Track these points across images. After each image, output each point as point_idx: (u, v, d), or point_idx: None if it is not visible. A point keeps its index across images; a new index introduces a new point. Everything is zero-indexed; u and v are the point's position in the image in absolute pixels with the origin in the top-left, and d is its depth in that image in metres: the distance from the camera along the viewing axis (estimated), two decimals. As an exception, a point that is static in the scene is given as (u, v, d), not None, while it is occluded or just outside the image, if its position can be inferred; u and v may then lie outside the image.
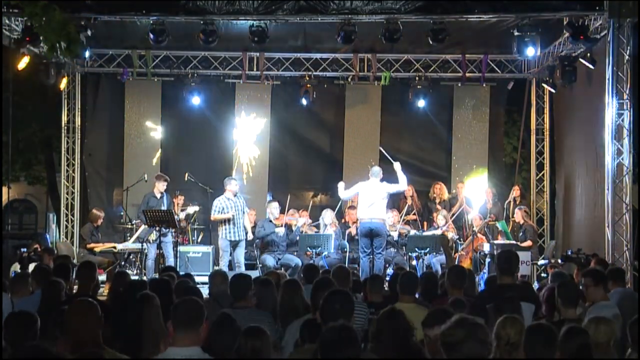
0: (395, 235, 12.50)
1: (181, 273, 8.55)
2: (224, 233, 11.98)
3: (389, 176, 13.68)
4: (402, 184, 11.96)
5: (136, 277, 11.78)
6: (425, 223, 13.57)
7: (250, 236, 12.39)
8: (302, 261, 11.88)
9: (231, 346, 4.16)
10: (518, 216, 13.16)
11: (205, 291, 7.42)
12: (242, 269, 11.54)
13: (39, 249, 12.23)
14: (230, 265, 12.00)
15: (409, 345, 4.07)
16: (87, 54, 12.66)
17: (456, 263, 12.27)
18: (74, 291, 7.29)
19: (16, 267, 11.54)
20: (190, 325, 4.04)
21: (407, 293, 5.99)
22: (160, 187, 12.56)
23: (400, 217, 12.85)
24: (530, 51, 11.58)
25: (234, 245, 11.98)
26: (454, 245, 12.78)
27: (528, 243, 12.64)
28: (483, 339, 3.34)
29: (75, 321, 4.29)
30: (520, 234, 12.97)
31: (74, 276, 7.50)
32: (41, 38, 9.73)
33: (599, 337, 4.34)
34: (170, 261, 11.96)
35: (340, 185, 12.27)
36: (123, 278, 6.73)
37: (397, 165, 12.10)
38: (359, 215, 11.72)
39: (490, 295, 5.72)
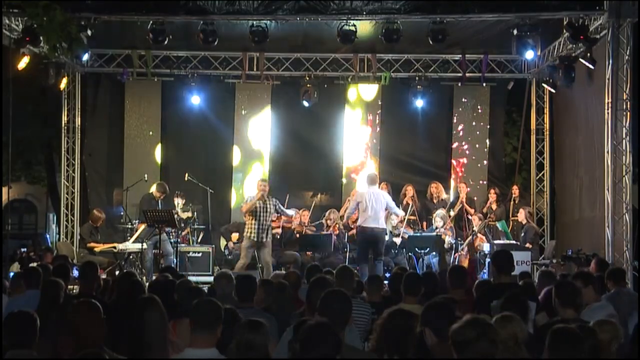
0: (398, 241, 12.49)
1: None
2: (248, 232, 11.65)
3: (390, 178, 13.77)
4: (398, 212, 12.22)
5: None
6: (424, 223, 13.56)
7: (277, 232, 12.27)
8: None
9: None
10: (522, 216, 13.17)
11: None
12: (271, 270, 11.17)
13: (41, 249, 12.27)
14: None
15: (412, 347, 4.06)
16: (86, 56, 12.63)
17: (456, 263, 12.29)
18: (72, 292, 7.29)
19: (16, 267, 11.56)
20: (209, 326, 4.05)
21: (410, 294, 5.99)
22: (158, 195, 12.62)
23: (405, 218, 12.80)
24: (530, 54, 11.63)
25: (258, 246, 11.64)
26: (452, 247, 12.75)
27: (527, 245, 12.65)
28: (494, 338, 3.36)
29: (78, 321, 4.28)
30: (522, 233, 12.99)
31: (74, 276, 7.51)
32: (41, 38, 9.74)
33: (603, 339, 4.36)
34: (170, 259, 11.95)
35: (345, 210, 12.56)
36: (128, 279, 6.72)
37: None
38: (360, 222, 11.64)
39: (491, 294, 5.72)
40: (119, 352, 4.35)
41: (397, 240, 12.52)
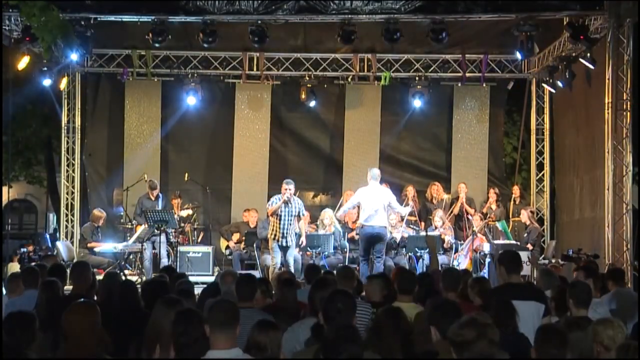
0: (398, 236, 12.44)
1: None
2: (272, 233, 11.44)
3: (390, 178, 13.75)
4: (402, 210, 12.04)
5: (136, 277, 11.82)
6: (423, 223, 13.54)
7: (303, 241, 11.89)
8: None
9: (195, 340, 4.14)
10: (524, 217, 13.16)
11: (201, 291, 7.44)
12: (292, 270, 10.89)
13: (41, 249, 12.27)
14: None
15: (410, 344, 4.08)
16: (74, 55, 12.52)
17: (455, 264, 12.29)
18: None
19: (15, 267, 11.57)
20: (227, 326, 4.00)
21: (404, 293, 6.00)
22: (151, 192, 12.63)
23: (403, 218, 12.77)
24: (518, 56, 11.69)
25: (283, 249, 11.41)
26: (452, 246, 12.75)
27: (528, 246, 12.65)
28: (493, 338, 3.37)
29: (73, 323, 4.24)
30: (526, 234, 12.99)
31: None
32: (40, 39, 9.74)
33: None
34: (163, 261, 11.97)
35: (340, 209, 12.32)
36: (114, 279, 6.70)
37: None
38: (361, 220, 11.51)
39: (503, 294, 5.72)
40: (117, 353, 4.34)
41: (397, 236, 12.43)
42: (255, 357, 4.04)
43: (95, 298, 6.49)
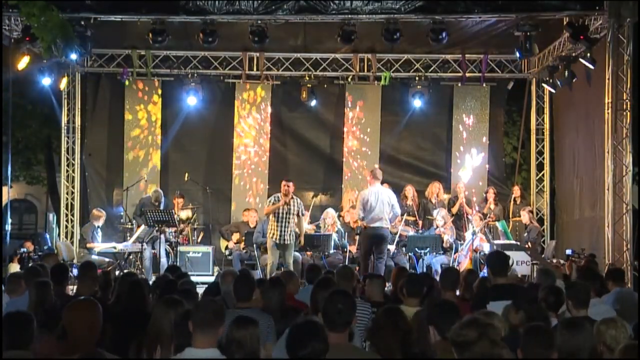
0: (392, 248, 12.37)
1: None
2: (271, 233, 11.36)
3: (390, 178, 13.74)
4: (397, 212, 11.84)
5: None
6: (421, 222, 13.53)
7: (301, 241, 11.74)
8: None
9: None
10: (525, 218, 13.16)
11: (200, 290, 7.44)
12: (291, 269, 10.75)
13: (42, 249, 12.25)
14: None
15: (409, 343, 4.07)
16: (74, 55, 12.46)
17: (455, 264, 12.29)
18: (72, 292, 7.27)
19: (15, 267, 11.55)
20: (210, 326, 4.01)
21: (412, 296, 5.98)
22: (154, 201, 12.58)
23: (402, 217, 12.77)
24: (517, 55, 11.74)
25: (282, 248, 11.34)
26: (451, 246, 12.74)
27: (528, 244, 12.66)
28: (494, 339, 3.37)
29: (73, 320, 4.25)
30: (526, 233, 12.99)
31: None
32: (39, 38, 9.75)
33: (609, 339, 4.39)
34: (162, 261, 11.96)
35: (354, 211, 12.18)
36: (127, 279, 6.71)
37: None
38: (365, 221, 11.43)
39: (487, 296, 5.73)
40: (120, 353, 4.33)
41: (392, 248, 12.37)
42: (234, 353, 4.03)
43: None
